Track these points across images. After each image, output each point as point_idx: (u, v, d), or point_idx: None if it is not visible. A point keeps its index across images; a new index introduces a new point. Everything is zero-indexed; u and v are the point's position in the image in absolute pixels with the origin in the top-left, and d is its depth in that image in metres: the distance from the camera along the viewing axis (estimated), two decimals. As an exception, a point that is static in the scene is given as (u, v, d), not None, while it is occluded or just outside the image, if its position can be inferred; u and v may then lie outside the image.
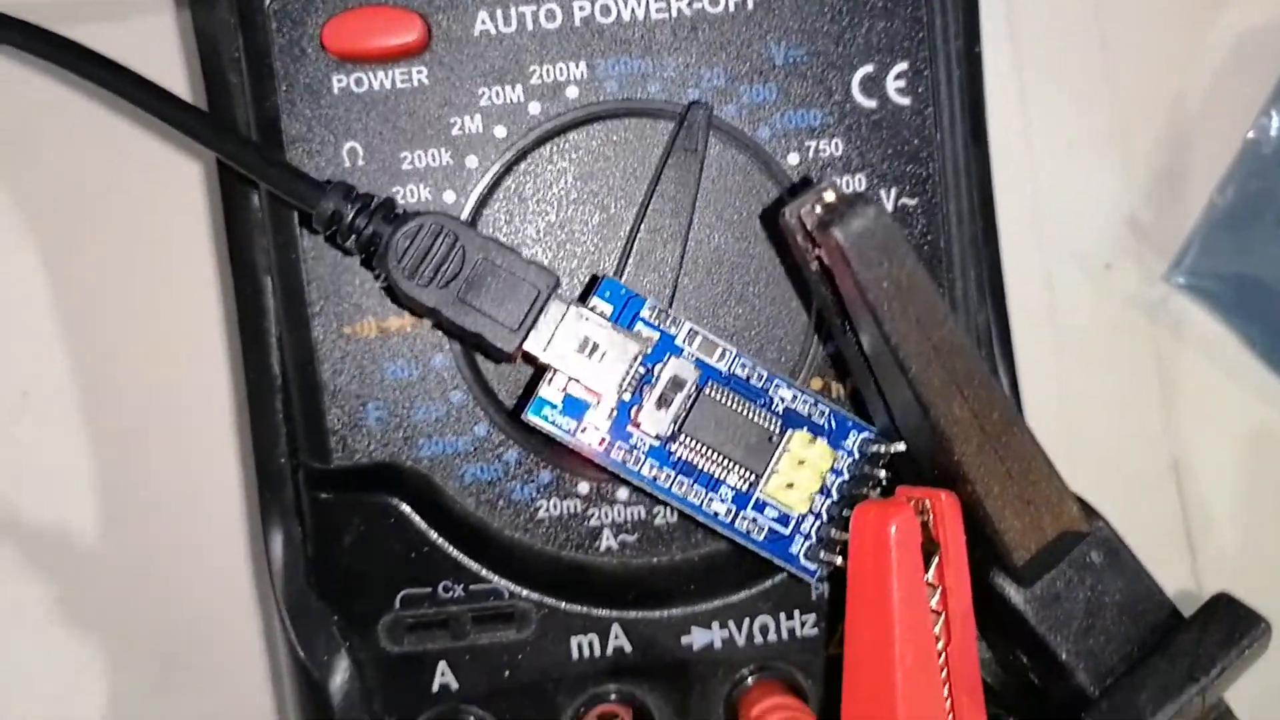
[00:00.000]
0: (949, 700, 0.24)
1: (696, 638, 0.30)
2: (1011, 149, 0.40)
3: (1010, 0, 0.40)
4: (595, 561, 0.30)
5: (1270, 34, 0.40)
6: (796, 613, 0.30)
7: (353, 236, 0.26)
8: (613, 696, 0.30)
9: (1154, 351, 0.40)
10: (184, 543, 0.37)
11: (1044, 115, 0.40)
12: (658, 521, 0.30)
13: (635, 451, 0.27)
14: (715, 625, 0.30)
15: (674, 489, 0.27)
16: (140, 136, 0.37)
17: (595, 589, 0.30)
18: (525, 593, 0.29)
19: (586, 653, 0.30)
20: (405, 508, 0.29)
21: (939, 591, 0.24)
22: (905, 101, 0.30)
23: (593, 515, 0.30)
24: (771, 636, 0.30)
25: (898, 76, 0.30)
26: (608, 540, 0.30)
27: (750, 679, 0.30)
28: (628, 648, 0.30)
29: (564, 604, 0.30)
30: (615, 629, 0.30)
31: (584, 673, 0.30)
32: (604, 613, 0.30)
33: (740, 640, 0.30)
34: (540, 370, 0.27)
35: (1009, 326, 0.32)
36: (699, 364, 0.26)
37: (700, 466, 0.27)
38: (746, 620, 0.30)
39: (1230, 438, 0.41)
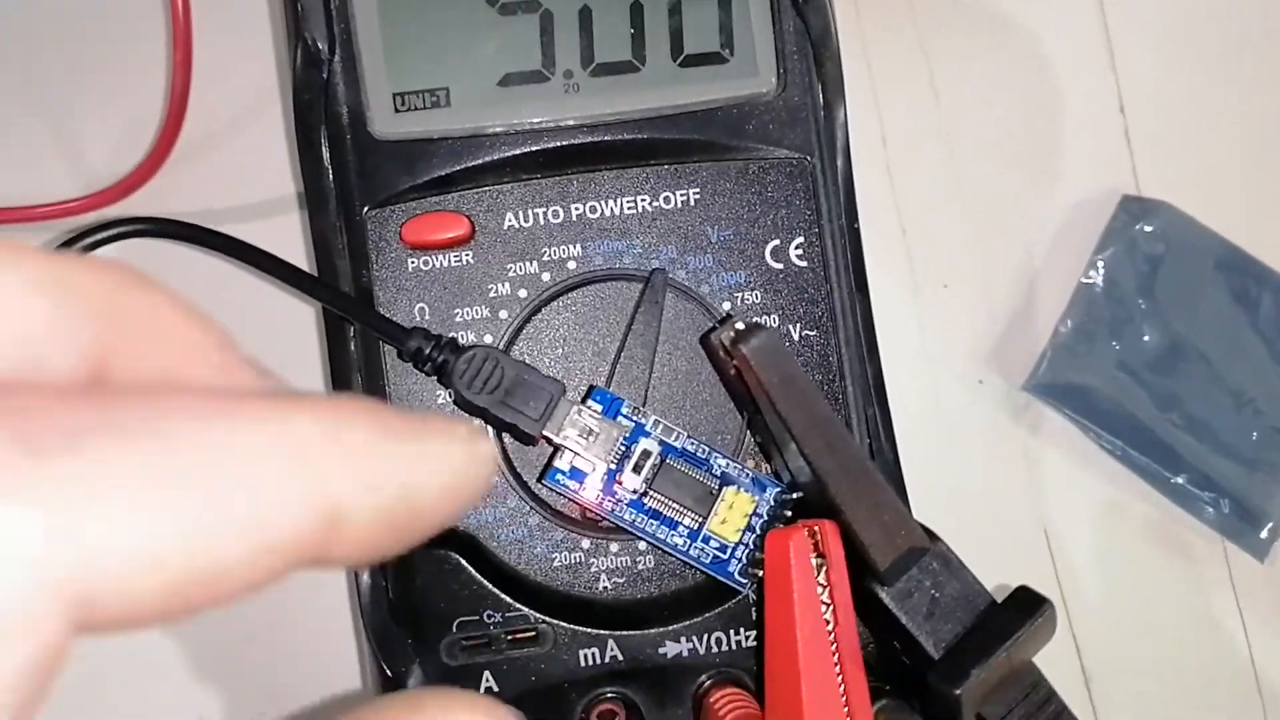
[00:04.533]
0: (838, 665, 0.34)
1: (670, 649, 0.38)
2: (901, 290, 0.49)
3: (890, 173, 0.49)
4: (595, 596, 0.39)
5: (1094, 204, 0.49)
6: (742, 629, 0.39)
7: (429, 363, 0.37)
8: (609, 695, 0.39)
9: (1021, 446, 0.49)
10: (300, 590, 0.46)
11: (924, 264, 0.49)
12: (639, 567, 0.39)
13: (620, 503, 0.37)
14: (683, 639, 0.38)
15: (646, 528, 0.37)
16: (271, 301, 0.46)
17: (596, 615, 0.38)
18: (545, 618, 0.38)
19: (590, 661, 0.38)
20: (459, 558, 0.38)
21: (827, 589, 0.34)
22: (804, 264, 0.40)
23: (592, 564, 0.39)
24: (725, 647, 0.38)
25: (797, 247, 0.40)
26: (603, 581, 0.39)
27: (710, 679, 0.38)
28: (620, 657, 0.38)
29: (573, 626, 0.38)
30: (611, 644, 0.38)
31: (589, 677, 0.38)
32: (602, 632, 0.38)
33: (702, 650, 0.38)
34: (554, 450, 0.38)
35: (890, 419, 0.41)
36: (661, 443, 0.37)
37: (664, 512, 0.37)
38: (706, 635, 0.38)
39: (1086, 509, 0.49)
